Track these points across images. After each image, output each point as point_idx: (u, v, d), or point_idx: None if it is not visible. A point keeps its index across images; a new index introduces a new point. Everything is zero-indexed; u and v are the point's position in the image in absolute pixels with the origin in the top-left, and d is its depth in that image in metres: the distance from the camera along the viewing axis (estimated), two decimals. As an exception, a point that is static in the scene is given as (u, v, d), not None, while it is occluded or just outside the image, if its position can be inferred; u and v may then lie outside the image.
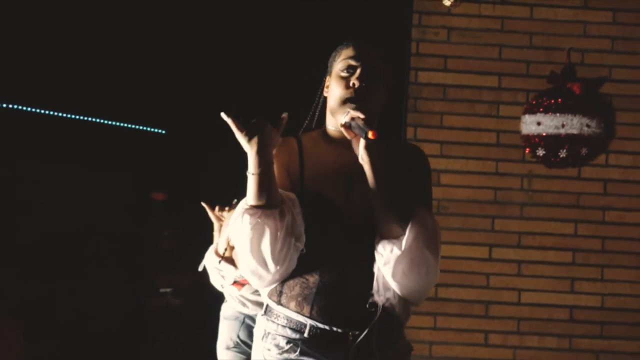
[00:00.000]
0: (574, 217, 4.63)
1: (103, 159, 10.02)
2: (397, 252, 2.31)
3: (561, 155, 4.53)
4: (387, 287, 2.36)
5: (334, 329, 2.36)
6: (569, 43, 4.65)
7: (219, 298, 3.96)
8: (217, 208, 4.11)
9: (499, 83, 4.66)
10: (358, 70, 2.44)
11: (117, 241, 9.75)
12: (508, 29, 4.67)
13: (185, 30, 7.85)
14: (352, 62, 2.45)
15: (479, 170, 4.66)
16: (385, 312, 2.37)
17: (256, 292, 3.75)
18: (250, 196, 2.34)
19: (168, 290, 9.50)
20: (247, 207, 2.34)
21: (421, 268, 2.33)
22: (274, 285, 2.43)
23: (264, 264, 2.33)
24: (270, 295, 2.45)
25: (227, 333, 4.08)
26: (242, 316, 4.01)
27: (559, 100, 4.56)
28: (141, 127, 10.78)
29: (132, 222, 10.23)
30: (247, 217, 2.31)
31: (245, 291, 3.82)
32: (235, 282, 3.83)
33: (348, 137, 2.40)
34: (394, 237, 2.34)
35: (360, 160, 2.36)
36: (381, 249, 2.35)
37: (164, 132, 10.95)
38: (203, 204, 4.09)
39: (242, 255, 2.36)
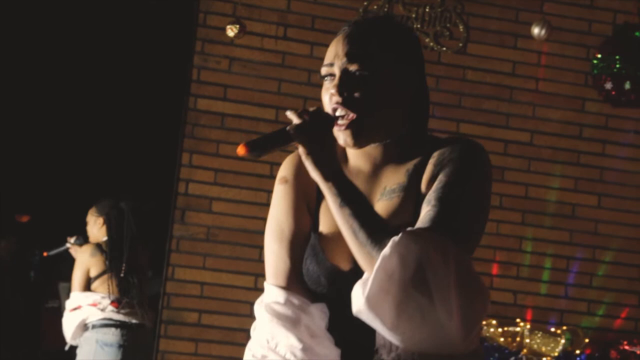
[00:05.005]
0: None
1: None
2: (360, 299, 1.67)
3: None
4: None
5: None
6: (345, 84, 4.81)
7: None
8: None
9: (276, 116, 4.76)
10: (336, 76, 1.84)
11: None
12: (288, 65, 4.79)
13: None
14: (328, 68, 1.87)
15: (251, 200, 4.73)
16: None
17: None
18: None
19: None
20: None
21: (409, 313, 1.65)
22: None
23: None
24: None
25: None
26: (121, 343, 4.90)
27: (332, 138, 4.70)
28: None
29: None
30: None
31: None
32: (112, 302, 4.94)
33: None
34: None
35: None
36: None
37: None
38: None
39: None
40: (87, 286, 5.04)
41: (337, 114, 1.81)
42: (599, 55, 4.86)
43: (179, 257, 4.68)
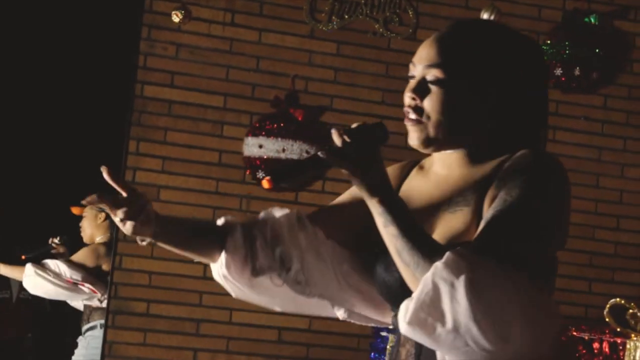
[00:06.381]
0: (289, 239, 4.74)
1: None
2: (402, 324, 1.58)
3: (279, 179, 4.63)
4: None
5: None
6: (294, 70, 4.78)
7: None
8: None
9: (224, 103, 4.72)
10: (415, 79, 1.80)
11: None
12: (236, 51, 4.74)
13: None
14: (412, 67, 1.82)
15: (200, 189, 4.68)
16: None
17: None
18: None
19: None
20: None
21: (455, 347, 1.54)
22: None
23: None
24: None
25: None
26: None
27: (281, 124, 4.67)
28: None
29: None
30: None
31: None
32: None
33: None
34: None
35: None
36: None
37: None
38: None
39: None
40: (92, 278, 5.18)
41: (410, 116, 1.78)
42: (549, 42, 4.87)
43: (126, 246, 4.62)
